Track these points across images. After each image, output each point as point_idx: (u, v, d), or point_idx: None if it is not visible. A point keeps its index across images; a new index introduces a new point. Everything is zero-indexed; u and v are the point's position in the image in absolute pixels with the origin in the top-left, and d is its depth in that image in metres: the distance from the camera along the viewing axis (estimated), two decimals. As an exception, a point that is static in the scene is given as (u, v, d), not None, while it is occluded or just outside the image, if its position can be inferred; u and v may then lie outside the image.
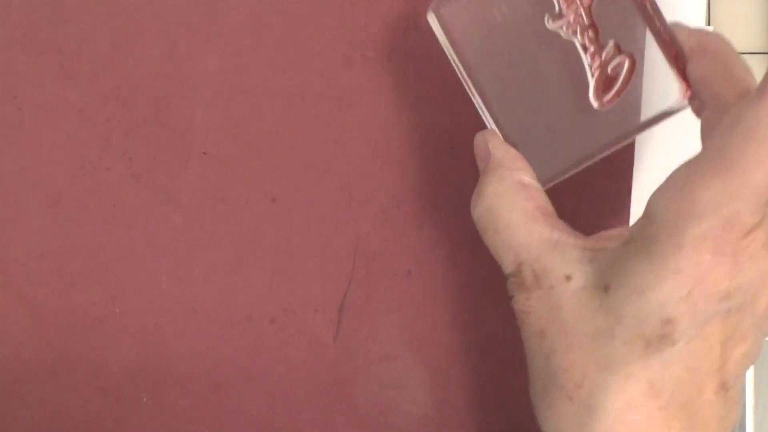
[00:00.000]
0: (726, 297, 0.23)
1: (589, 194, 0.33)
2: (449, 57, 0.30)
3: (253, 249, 0.33)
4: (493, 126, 0.29)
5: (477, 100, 0.30)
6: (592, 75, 0.27)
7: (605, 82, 0.27)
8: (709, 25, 0.38)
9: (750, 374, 0.34)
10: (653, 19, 0.26)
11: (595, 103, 0.28)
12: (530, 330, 0.27)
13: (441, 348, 0.34)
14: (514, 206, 0.27)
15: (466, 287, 0.34)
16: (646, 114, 0.27)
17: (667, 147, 0.35)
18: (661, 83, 0.27)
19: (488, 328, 0.34)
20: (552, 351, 0.26)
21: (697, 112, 0.27)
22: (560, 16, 0.27)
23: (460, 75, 0.30)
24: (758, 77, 0.37)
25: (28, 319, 0.33)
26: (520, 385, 0.28)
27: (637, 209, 0.34)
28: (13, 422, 0.33)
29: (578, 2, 0.27)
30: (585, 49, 0.27)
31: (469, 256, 0.34)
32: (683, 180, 0.24)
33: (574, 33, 0.27)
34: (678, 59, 0.26)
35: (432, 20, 0.30)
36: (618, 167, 0.34)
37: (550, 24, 0.28)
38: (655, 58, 0.26)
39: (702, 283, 0.23)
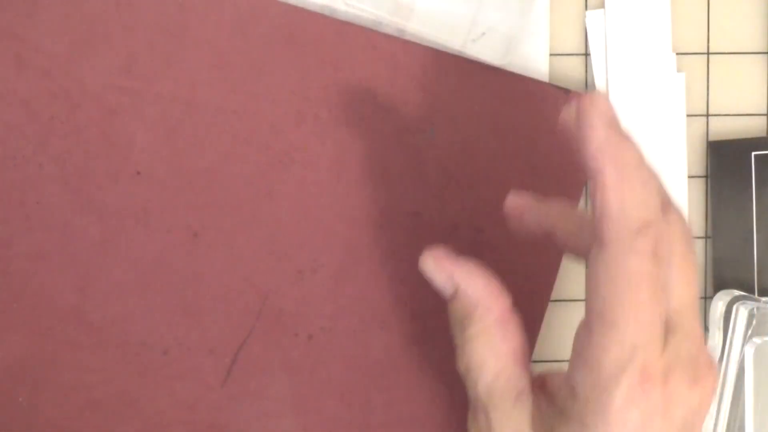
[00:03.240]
0: None
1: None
2: None
3: (162, 277, 0.33)
4: None
5: None
6: None
7: None
8: (708, 25, 0.36)
9: (750, 374, 0.34)
10: None
11: None
12: None
13: (324, 418, 0.34)
14: (488, 348, 0.28)
15: (363, 363, 0.34)
16: None
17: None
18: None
19: (376, 410, 0.34)
20: None
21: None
22: None
23: None
24: (759, 77, 0.36)
25: None
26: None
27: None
28: None
29: None
30: None
31: (373, 332, 0.34)
32: (584, 349, 0.24)
33: None
34: None
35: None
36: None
37: None
38: None
39: None
